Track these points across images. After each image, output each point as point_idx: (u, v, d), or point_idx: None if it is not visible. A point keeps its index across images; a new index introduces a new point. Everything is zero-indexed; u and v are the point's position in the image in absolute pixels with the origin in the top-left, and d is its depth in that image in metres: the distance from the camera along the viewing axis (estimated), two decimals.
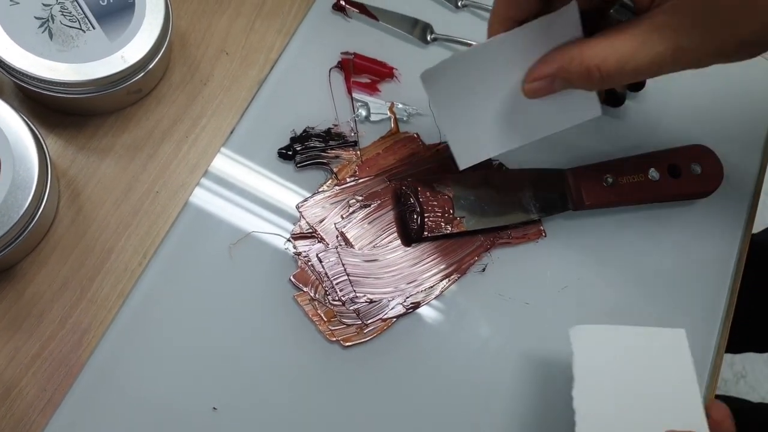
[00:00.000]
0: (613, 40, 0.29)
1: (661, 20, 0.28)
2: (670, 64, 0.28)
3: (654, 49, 0.28)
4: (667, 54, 0.28)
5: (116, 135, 0.38)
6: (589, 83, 0.30)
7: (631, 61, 0.28)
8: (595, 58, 0.29)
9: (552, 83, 0.31)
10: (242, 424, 0.34)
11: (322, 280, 0.37)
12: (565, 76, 0.30)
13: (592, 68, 0.29)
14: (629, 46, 0.28)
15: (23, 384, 0.33)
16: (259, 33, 0.41)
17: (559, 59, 0.30)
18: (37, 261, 0.35)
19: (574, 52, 0.30)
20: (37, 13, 0.34)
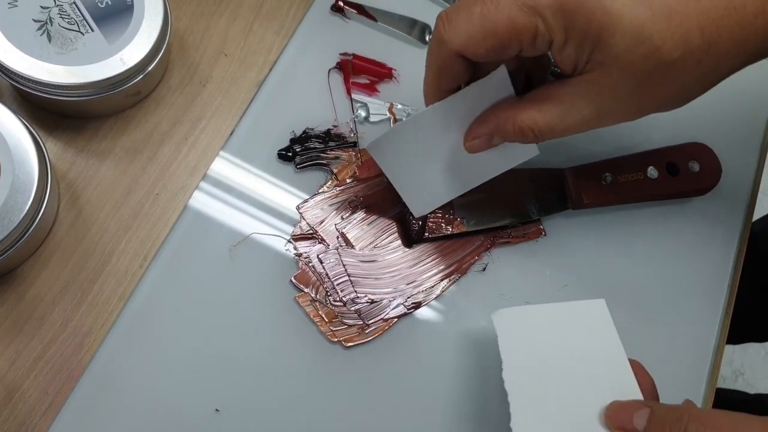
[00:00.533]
0: (541, 105, 0.30)
1: (584, 88, 0.29)
2: (596, 124, 0.30)
3: (580, 112, 0.29)
4: (593, 116, 0.29)
5: (115, 137, 0.38)
6: (525, 140, 0.31)
7: (560, 124, 0.30)
8: (527, 120, 0.30)
9: (490, 140, 0.32)
10: (244, 426, 0.34)
11: (323, 280, 0.37)
12: (502, 135, 0.32)
13: (525, 129, 0.30)
14: (558, 111, 0.30)
15: (25, 387, 0.33)
16: (257, 34, 0.41)
17: (494, 120, 0.32)
18: (37, 264, 0.35)
19: (508, 113, 0.31)
20: (36, 16, 0.34)
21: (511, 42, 0.28)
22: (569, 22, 0.27)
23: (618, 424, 0.27)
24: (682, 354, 0.40)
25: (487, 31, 0.28)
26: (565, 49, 0.28)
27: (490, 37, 0.28)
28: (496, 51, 0.28)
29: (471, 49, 0.29)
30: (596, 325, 0.31)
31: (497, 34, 0.28)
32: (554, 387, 0.29)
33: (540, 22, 0.27)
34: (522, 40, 0.28)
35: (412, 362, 0.37)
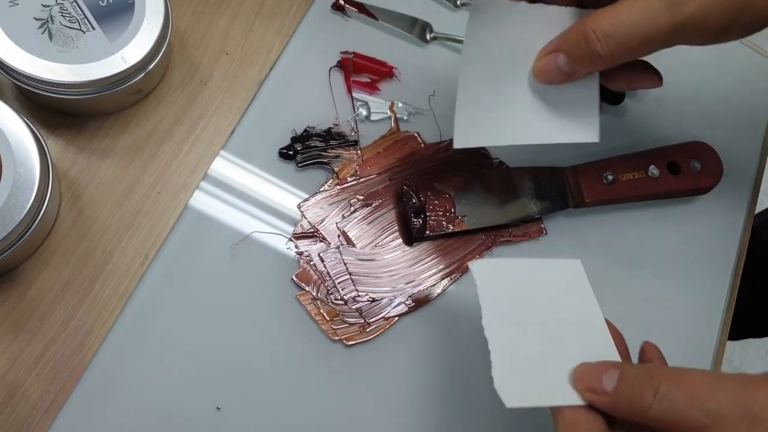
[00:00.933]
0: (608, 10, 0.29)
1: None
2: (669, 32, 0.28)
3: (653, 13, 0.28)
4: (667, 19, 0.28)
5: (116, 136, 0.38)
6: (588, 51, 0.29)
7: (628, 25, 0.28)
8: (591, 23, 0.29)
9: (556, 59, 0.31)
10: (246, 424, 0.34)
11: (324, 279, 0.37)
12: (566, 48, 0.30)
13: (588, 32, 0.29)
14: (627, 12, 0.28)
15: (27, 385, 0.33)
16: (258, 33, 0.41)
17: (561, 33, 0.31)
18: (39, 263, 0.35)
19: (575, 23, 0.30)
20: (37, 14, 0.34)
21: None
22: None
23: (587, 385, 0.26)
24: (684, 351, 0.40)
25: None
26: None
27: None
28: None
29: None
30: (572, 284, 0.31)
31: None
32: (533, 339, 0.29)
33: None
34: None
35: (413, 361, 0.37)
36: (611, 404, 0.25)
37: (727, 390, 0.23)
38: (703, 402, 0.23)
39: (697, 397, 0.23)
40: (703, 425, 0.23)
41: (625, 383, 0.25)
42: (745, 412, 0.22)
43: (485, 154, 0.42)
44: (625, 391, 0.25)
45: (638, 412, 0.24)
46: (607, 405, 0.26)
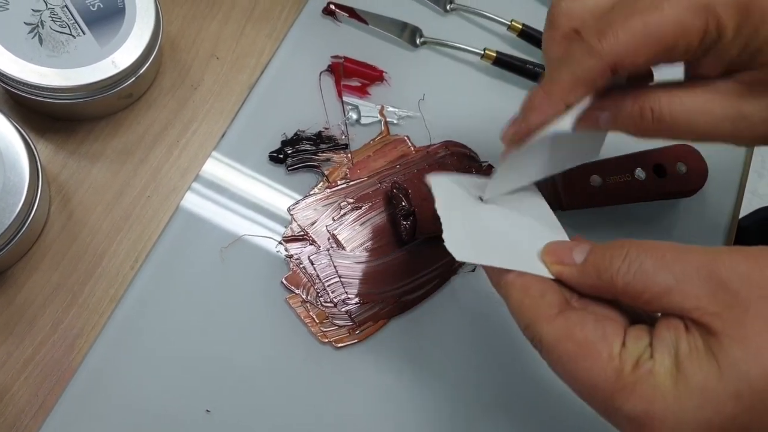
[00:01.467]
0: (674, 90, 0.27)
1: (731, 86, 0.27)
2: (729, 127, 0.27)
3: (720, 107, 0.27)
4: (731, 116, 0.27)
5: (107, 140, 0.38)
6: (636, 125, 0.28)
7: (691, 112, 0.27)
8: (651, 100, 0.27)
9: (599, 115, 0.29)
10: (235, 427, 0.34)
11: (314, 282, 0.37)
12: (615, 112, 0.28)
13: (645, 109, 0.27)
14: (692, 99, 0.27)
15: (15, 389, 0.33)
16: (249, 37, 0.41)
17: (613, 95, 0.28)
18: (28, 266, 0.35)
19: (629, 92, 0.28)
20: (27, 19, 0.34)
21: (677, 46, 0.25)
22: (743, 18, 0.25)
23: (555, 258, 0.26)
24: None
25: (651, 39, 0.25)
26: (731, 46, 0.26)
27: (654, 45, 0.25)
28: (657, 58, 0.26)
29: (630, 60, 0.26)
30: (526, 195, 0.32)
31: (662, 41, 0.25)
32: (487, 222, 0.29)
33: (711, 19, 0.25)
34: (689, 42, 0.25)
35: (403, 363, 0.37)
36: (579, 275, 0.25)
37: (693, 254, 0.23)
38: (670, 264, 0.23)
39: (664, 260, 0.23)
40: (668, 288, 0.23)
41: (595, 253, 0.25)
42: (710, 275, 0.22)
43: (474, 157, 0.42)
44: (595, 259, 0.25)
45: (606, 280, 0.24)
46: (575, 276, 0.25)
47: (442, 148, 0.42)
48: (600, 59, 0.26)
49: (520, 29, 0.45)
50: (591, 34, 0.26)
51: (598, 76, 0.26)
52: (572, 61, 0.27)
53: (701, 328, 0.22)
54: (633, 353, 0.23)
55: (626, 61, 0.26)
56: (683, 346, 0.22)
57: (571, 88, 0.27)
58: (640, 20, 0.25)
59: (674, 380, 0.22)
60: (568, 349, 0.24)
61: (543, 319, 0.25)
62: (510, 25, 0.45)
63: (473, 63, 0.44)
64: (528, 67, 0.44)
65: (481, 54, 0.43)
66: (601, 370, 0.23)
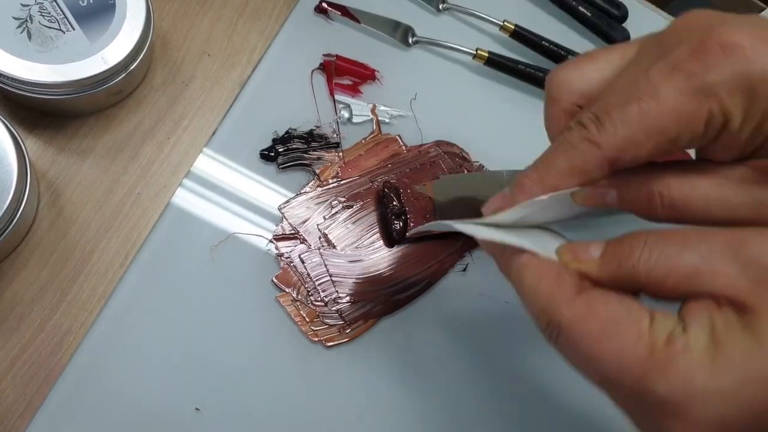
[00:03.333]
0: (684, 173, 0.25)
1: (746, 173, 0.25)
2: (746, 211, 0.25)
3: (735, 190, 0.25)
4: (745, 202, 0.25)
5: (97, 136, 0.37)
6: (645, 210, 0.26)
7: (706, 199, 0.25)
8: (661, 185, 0.25)
9: (607, 195, 0.27)
10: (225, 425, 0.34)
11: (305, 281, 0.37)
12: (624, 192, 0.26)
13: (654, 195, 0.25)
14: (705, 183, 0.25)
15: (2, 387, 0.32)
16: (241, 34, 0.41)
17: (621, 174, 0.26)
18: (16, 263, 0.34)
19: (636, 173, 0.26)
20: (16, 14, 0.34)
21: (681, 136, 0.23)
22: (749, 100, 0.23)
23: (572, 255, 0.24)
24: None
25: (651, 130, 0.23)
26: (740, 132, 0.24)
27: (654, 136, 0.23)
28: (661, 149, 0.24)
29: (629, 154, 0.24)
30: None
31: (663, 131, 0.23)
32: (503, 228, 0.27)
33: (714, 104, 0.23)
34: (693, 130, 0.23)
35: (393, 362, 0.37)
36: (599, 268, 0.23)
37: (717, 234, 0.21)
38: (694, 245, 0.21)
39: (688, 241, 0.22)
40: (695, 269, 0.21)
41: (613, 245, 0.23)
42: (738, 252, 0.21)
43: (466, 157, 0.42)
44: (614, 250, 0.23)
45: (627, 270, 0.22)
46: (595, 270, 0.23)
47: (434, 148, 0.42)
48: (598, 151, 0.24)
49: (512, 30, 0.45)
50: (589, 120, 0.24)
51: (595, 169, 0.25)
52: (569, 148, 0.25)
53: (735, 305, 0.21)
54: (663, 329, 0.21)
55: (627, 155, 0.24)
56: (718, 322, 0.21)
57: (564, 177, 0.25)
58: (636, 111, 0.23)
59: (712, 356, 0.20)
60: (591, 329, 0.22)
61: (562, 300, 0.23)
62: (502, 26, 0.45)
63: (465, 63, 0.44)
64: (520, 67, 0.44)
65: (474, 54, 0.43)
66: (631, 349, 0.21)
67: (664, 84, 0.23)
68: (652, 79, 0.23)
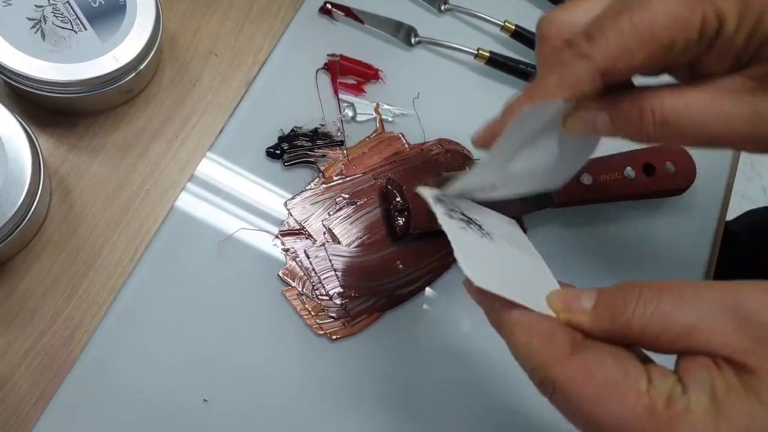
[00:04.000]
0: (677, 90, 0.24)
1: (741, 83, 0.24)
2: (743, 130, 0.24)
3: (728, 106, 0.24)
4: (744, 116, 0.24)
5: (107, 134, 0.38)
6: (636, 129, 0.25)
7: (697, 113, 0.24)
8: (653, 100, 0.24)
9: (596, 118, 0.26)
10: (232, 416, 0.35)
11: (310, 275, 0.38)
12: (614, 113, 0.26)
13: (646, 111, 0.25)
14: (698, 98, 0.24)
15: (16, 378, 0.33)
16: (247, 35, 0.42)
17: (609, 96, 0.25)
18: (29, 257, 0.35)
19: (626, 92, 0.25)
20: (30, 14, 0.35)
21: (675, 42, 0.23)
22: (744, 4, 0.22)
23: (563, 305, 0.24)
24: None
25: (645, 38, 0.23)
26: (735, 37, 0.23)
27: (648, 44, 0.23)
28: (655, 59, 0.24)
29: (622, 63, 0.24)
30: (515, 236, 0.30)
31: (657, 38, 0.23)
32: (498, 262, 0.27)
33: (708, 8, 0.22)
34: (688, 36, 0.23)
35: (396, 355, 0.38)
36: (591, 321, 0.23)
37: (713, 290, 0.21)
38: (690, 302, 0.21)
39: (683, 298, 0.21)
40: (691, 326, 0.21)
41: (605, 297, 0.23)
42: (735, 310, 0.21)
43: (468, 155, 0.43)
44: (607, 303, 0.23)
45: (621, 325, 0.22)
46: (587, 323, 0.23)
47: (436, 146, 0.42)
48: (589, 63, 0.24)
49: (513, 30, 0.45)
50: (580, 38, 0.24)
51: (586, 81, 0.24)
52: (560, 65, 0.25)
53: (734, 366, 0.21)
54: (663, 390, 0.21)
55: (620, 64, 0.24)
56: (719, 383, 0.20)
57: (554, 92, 0.25)
58: (629, 18, 0.23)
59: (714, 418, 0.20)
60: (589, 392, 0.21)
61: (555, 361, 0.22)
62: (503, 26, 0.45)
63: (467, 62, 0.45)
64: (520, 66, 0.45)
65: (475, 54, 0.44)
66: (630, 411, 0.21)
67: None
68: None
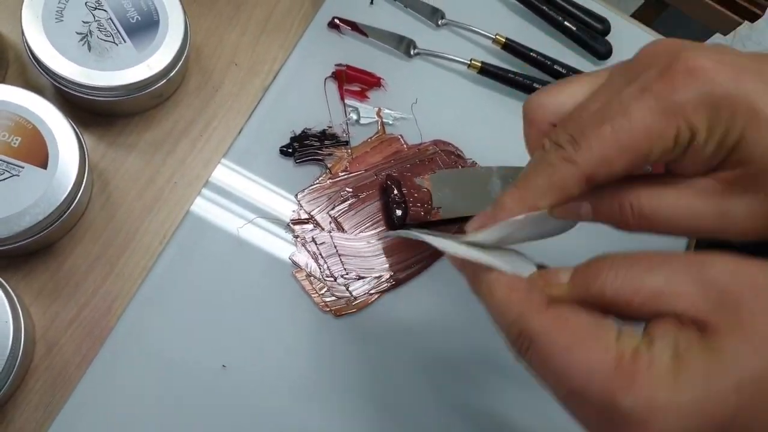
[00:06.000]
0: (655, 185, 0.26)
1: (710, 185, 0.26)
2: (717, 222, 0.26)
3: (703, 205, 0.26)
4: (715, 211, 0.26)
5: (140, 133, 0.43)
6: (616, 220, 0.27)
7: (673, 209, 0.26)
8: (631, 196, 0.26)
9: (581, 207, 0.28)
10: (246, 380, 0.40)
11: (317, 259, 0.43)
12: (596, 204, 0.27)
13: (625, 205, 0.26)
14: (673, 194, 0.26)
15: (62, 343, 0.38)
16: (264, 46, 0.47)
17: (595, 190, 0.27)
18: (73, 239, 0.40)
19: (609, 187, 0.26)
20: (78, 29, 0.40)
21: (652, 152, 0.25)
22: (713, 118, 0.24)
23: (543, 281, 0.25)
24: None
25: (624, 148, 0.24)
26: (705, 147, 0.25)
27: (627, 154, 0.24)
28: (634, 165, 0.25)
29: (604, 170, 0.25)
30: None
31: (635, 148, 0.24)
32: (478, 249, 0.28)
33: (682, 122, 0.24)
34: (664, 146, 0.24)
35: (394, 331, 0.42)
36: (567, 292, 0.24)
37: (680, 258, 0.23)
38: (658, 267, 0.22)
39: (651, 263, 0.23)
40: (658, 290, 0.22)
41: (580, 270, 0.24)
42: (699, 275, 0.22)
43: (460, 155, 0.47)
44: (582, 274, 0.24)
45: (595, 292, 0.23)
46: (564, 294, 0.24)
47: (432, 146, 0.47)
48: (575, 168, 0.25)
49: (503, 42, 0.50)
50: (565, 140, 0.25)
51: (573, 186, 0.26)
52: (547, 167, 0.26)
53: (697, 325, 0.22)
54: (630, 343, 0.22)
55: (601, 172, 0.25)
56: (681, 341, 0.21)
57: (543, 195, 0.26)
58: (610, 129, 0.24)
59: (675, 373, 0.21)
60: (561, 340, 0.22)
61: (533, 312, 0.23)
62: (494, 39, 0.50)
63: (461, 72, 0.50)
64: (510, 76, 0.49)
65: (468, 64, 0.49)
66: (598, 360, 0.21)
67: (635, 104, 0.24)
68: (623, 100, 0.24)
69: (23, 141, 0.37)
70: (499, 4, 0.53)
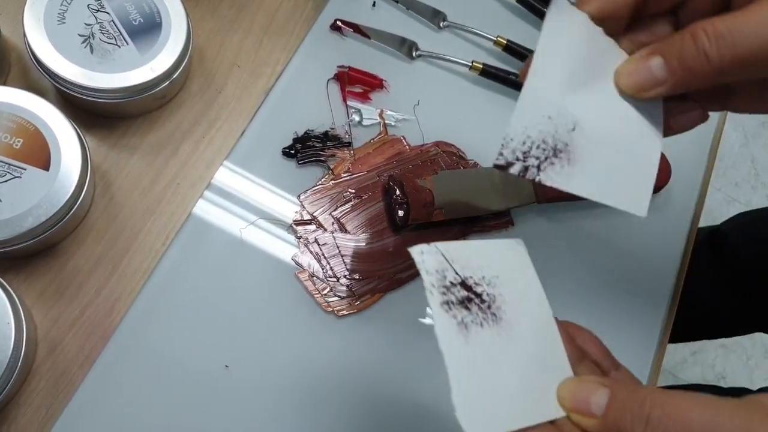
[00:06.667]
0: (726, 13, 0.24)
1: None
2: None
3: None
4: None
5: (143, 135, 0.44)
6: (693, 52, 0.24)
7: (744, 28, 0.23)
8: (701, 23, 0.24)
9: (649, 62, 0.25)
10: (249, 381, 0.40)
11: (320, 259, 0.43)
12: (665, 49, 0.25)
13: (697, 31, 0.24)
14: (744, 16, 0.24)
15: (65, 343, 0.38)
16: (266, 49, 0.47)
17: (657, 38, 0.25)
18: (76, 240, 0.40)
19: (674, 31, 0.25)
20: (81, 31, 0.40)
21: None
22: None
23: (573, 406, 0.25)
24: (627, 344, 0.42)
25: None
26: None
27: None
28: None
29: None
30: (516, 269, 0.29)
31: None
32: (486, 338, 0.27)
33: None
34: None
35: (396, 331, 0.42)
36: (599, 428, 0.24)
37: (725, 420, 0.22)
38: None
39: (692, 425, 0.22)
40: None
41: (615, 407, 0.24)
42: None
43: (462, 156, 0.47)
44: (615, 416, 0.23)
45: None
46: (595, 428, 0.24)
47: (434, 147, 0.47)
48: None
49: (504, 44, 0.50)
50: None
51: None
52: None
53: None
54: None
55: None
56: None
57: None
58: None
59: None
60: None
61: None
62: (496, 40, 0.50)
63: (462, 73, 0.50)
64: (511, 77, 0.49)
65: (470, 66, 0.49)
66: None
67: None
68: None
69: (25, 143, 0.37)
70: (501, 7, 0.53)
